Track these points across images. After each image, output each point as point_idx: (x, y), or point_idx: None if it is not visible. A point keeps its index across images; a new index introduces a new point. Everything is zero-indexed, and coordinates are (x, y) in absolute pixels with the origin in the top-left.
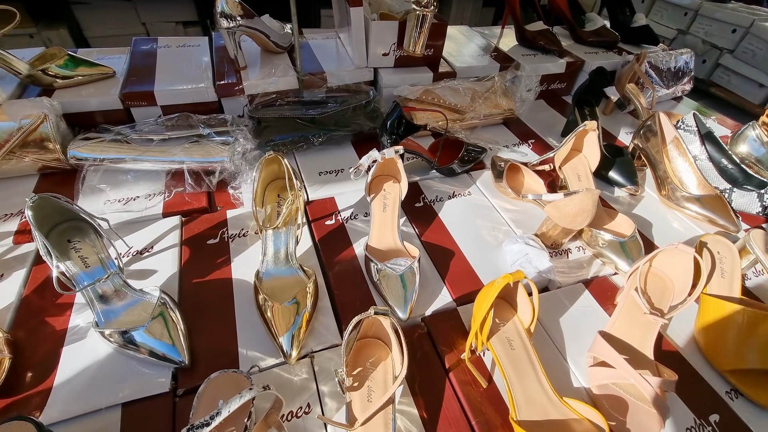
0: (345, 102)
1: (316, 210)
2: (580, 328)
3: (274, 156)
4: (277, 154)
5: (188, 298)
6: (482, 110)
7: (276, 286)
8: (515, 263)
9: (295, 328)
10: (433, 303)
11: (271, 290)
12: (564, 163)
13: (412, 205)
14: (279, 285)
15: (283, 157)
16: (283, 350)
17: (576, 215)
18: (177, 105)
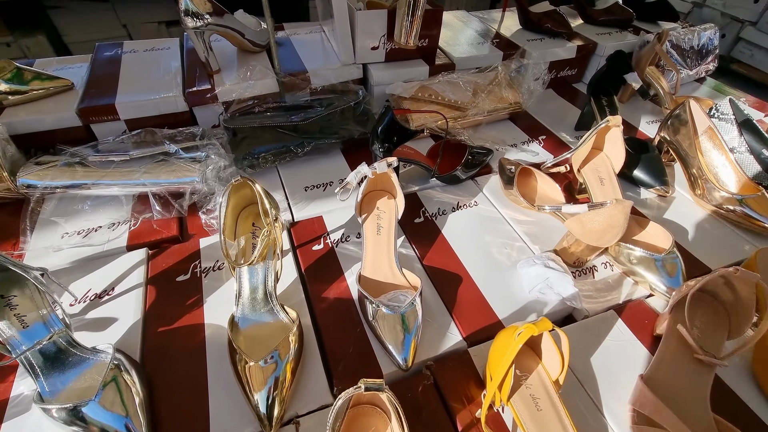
0: (331, 105)
1: (301, 233)
2: (615, 369)
3: (243, 181)
4: (246, 179)
5: (152, 353)
6: (486, 105)
7: (253, 335)
8: (534, 289)
9: (276, 389)
10: (439, 344)
11: (247, 342)
12: (583, 164)
13: (411, 220)
14: (257, 334)
15: (254, 182)
16: (260, 417)
17: (604, 231)
18: (143, 118)
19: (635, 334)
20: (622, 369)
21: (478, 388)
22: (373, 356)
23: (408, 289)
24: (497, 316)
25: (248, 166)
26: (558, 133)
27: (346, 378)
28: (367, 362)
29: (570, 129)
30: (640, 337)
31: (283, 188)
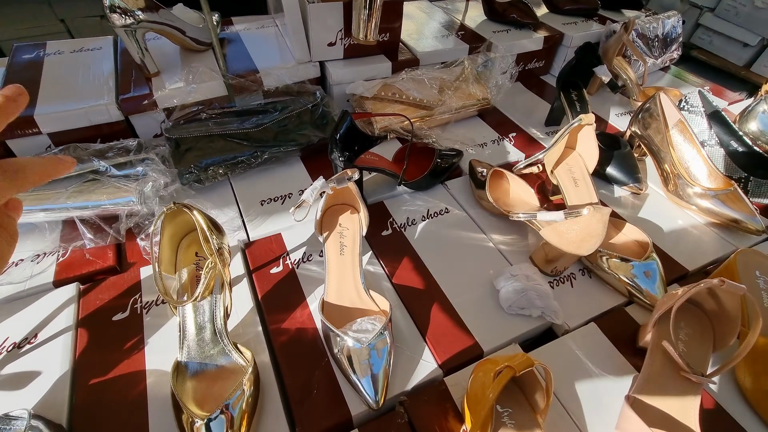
0: (286, 108)
1: (258, 254)
2: (600, 389)
3: (178, 208)
4: (180, 206)
5: (82, 412)
6: (453, 103)
7: (203, 383)
8: (512, 305)
9: None
10: (413, 374)
11: (196, 392)
12: (556, 165)
13: (378, 233)
14: (206, 382)
15: (191, 208)
16: None
17: (582, 241)
18: (70, 131)
19: (618, 348)
20: (606, 388)
21: (457, 422)
22: (341, 395)
23: (377, 314)
24: (474, 338)
25: (195, 181)
26: (528, 129)
27: (310, 422)
28: (334, 402)
29: (540, 124)
30: (622, 351)
31: (237, 203)
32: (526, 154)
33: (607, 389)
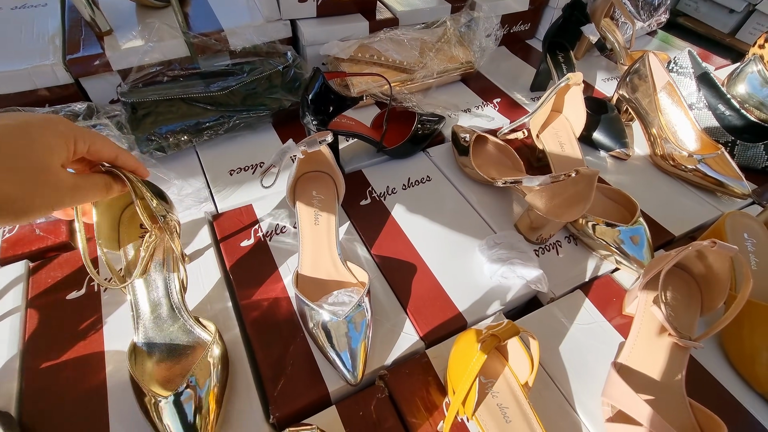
0: (255, 70)
1: (226, 226)
2: (586, 357)
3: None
4: (111, 171)
5: (33, 401)
6: (435, 66)
7: (163, 364)
8: (495, 274)
9: (197, 426)
10: (394, 347)
11: (157, 371)
12: (542, 128)
13: (356, 202)
14: (168, 362)
15: (125, 174)
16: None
17: (569, 206)
18: (13, 95)
19: (603, 315)
20: (592, 355)
21: (440, 395)
22: (317, 371)
23: (355, 285)
24: (457, 309)
25: (156, 149)
26: (512, 95)
27: (284, 401)
28: (310, 379)
29: (525, 90)
30: (608, 317)
31: (204, 173)
32: (510, 119)
33: (593, 357)
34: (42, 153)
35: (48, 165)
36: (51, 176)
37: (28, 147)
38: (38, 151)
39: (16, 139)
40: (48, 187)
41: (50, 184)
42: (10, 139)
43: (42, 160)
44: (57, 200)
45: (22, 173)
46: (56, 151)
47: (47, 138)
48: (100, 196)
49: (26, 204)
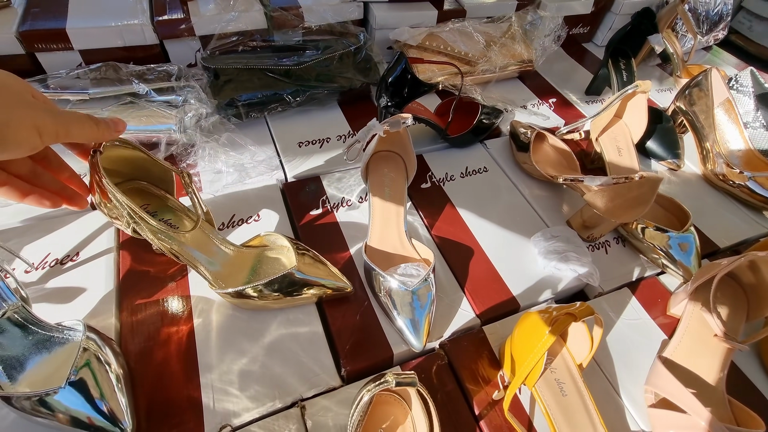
0: (329, 48)
1: (296, 194)
2: (630, 349)
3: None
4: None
5: (129, 328)
6: (498, 60)
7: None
8: (549, 265)
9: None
10: (451, 321)
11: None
12: (602, 132)
13: (418, 185)
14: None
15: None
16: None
17: (630, 207)
18: (103, 50)
19: (649, 313)
20: (636, 348)
21: (494, 368)
22: (382, 334)
23: (418, 260)
24: (511, 292)
25: (233, 116)
26: (567, 96)
27: (354, 358)
28: (376, 341)
29: (580, 93)
30: (653, 316)
31: (274, 143)
32: (565, 120)
33: (637, 349)
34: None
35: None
36: (23, 97)
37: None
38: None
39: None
40: (22, 104)
41: (24, 102)
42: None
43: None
44: (37, 119)
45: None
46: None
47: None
48: (89, 129)
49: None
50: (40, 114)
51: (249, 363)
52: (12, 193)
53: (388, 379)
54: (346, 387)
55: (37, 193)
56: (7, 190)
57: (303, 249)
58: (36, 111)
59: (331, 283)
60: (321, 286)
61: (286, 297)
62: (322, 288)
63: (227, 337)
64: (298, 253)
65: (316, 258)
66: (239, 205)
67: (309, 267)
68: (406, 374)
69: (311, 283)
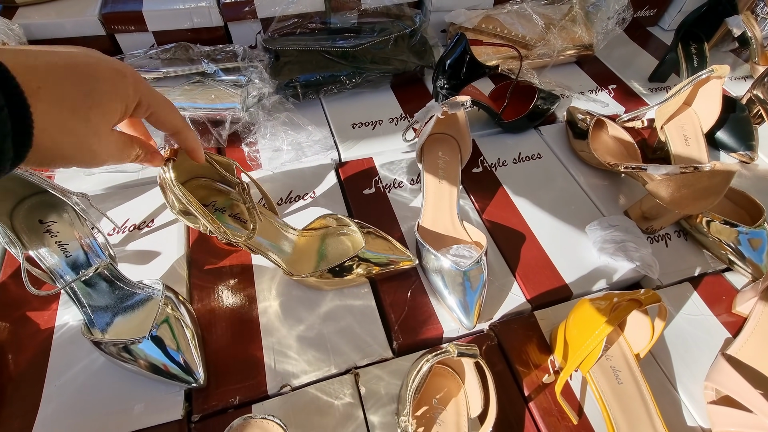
0: (384, 31)
1: (350, 173)
2: (690, 344)
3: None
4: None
5: (199, 290)
6: (557, 44)
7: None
8: (605, 254)
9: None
10: (501, 305)
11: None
12: (668, 120)
13: (469, 170)
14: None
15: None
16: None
17: (698, 198)
18: (173, 31)
19: (711, 309)
20: (696, 344)
21: (543, 353)
22: (432, 312)
23: (469, 243)
24: (564, 280)
25: (292, 96)
26: (629, 83)
27: (405, 333)
28: (426, 318)
29: (642, 79)
30: (716, 313)
31: (329, 124)
32: (625, 108)
33: (697, 346)
34: (99, 119)
35: (99, 131)
36: (97, 141)
37: (89, 109)
38: (96, 117)
39: (82, 96)
40: (89, 152)
41: (92, 150)
42: (75, 93)
43: (97, 126)
44: (91, 162)
45: (72, 136)
46: (114, 116)
47: (111, 103)
48: (127, 161)
49: (64, 162)
50: (93, 159)
51: (306, 330)
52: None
53: (449, 349)
54: (397, 359)
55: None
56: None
57: (366, 227)
58: (91, 156)
59: (398, 257)
60: (389, 262)
61: (355, 276)
62: (390, 263)
63: (286, 305)
64: (363, 232)
65: (379, 234)
66: (296, 182)
67: (376, 244)
68: (467, 346)
69: (381, 261)
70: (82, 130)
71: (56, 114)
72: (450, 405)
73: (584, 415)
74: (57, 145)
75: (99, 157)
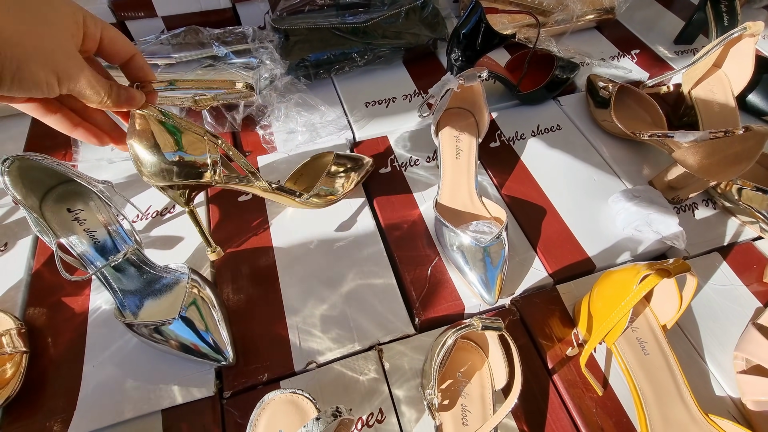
0: (395, 4)
1: (366, 154)
2: (719, 315)
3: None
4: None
5: (223, 274)
6: (576, 9)
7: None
8: (629, 226)
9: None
10: (523, 280)
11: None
12: (695, 84)
13: (486, 144)
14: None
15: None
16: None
17: (729, 165)
18: (182, 15)
19: (741, 279)
20: (725, 315)
21: (567, 327)
22: (453, 288)
23: (488, 218)
24: (586, 253)
25: (303, 76)
26: (653, 47)
27: (426, 309)
28: (447, 294)
29: (668, 42)
30: (746, 282)
31: (341, 103)
32: (650, 74)
33: (725, 316)
34: (54, 13)
35: (53, 20)
36: (54, 15)
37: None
38: (47, 15)
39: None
40: (50, 29)
41: (53, 25)
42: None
43: (52, 17)
44: (59, 59)
45: (28, 13)
46: (65, 20)
47: (53, 7)
48: (94, 95)
49: (27, 49)
50: (59, 48)
51: (329, 309)
52: (63, 123)
53: (473, 323)
54: (419, 335)
55: (85, 127)
56: (58, 119)
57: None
58: (66, 58)
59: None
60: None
61: None
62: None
63: (308, 284)
64: None
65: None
66: None
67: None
68: (491, 319)
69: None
70: (37, 21)
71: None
72: (474, 378)
73: (609, 387)
74: (17, 31)
75: (60, 49)
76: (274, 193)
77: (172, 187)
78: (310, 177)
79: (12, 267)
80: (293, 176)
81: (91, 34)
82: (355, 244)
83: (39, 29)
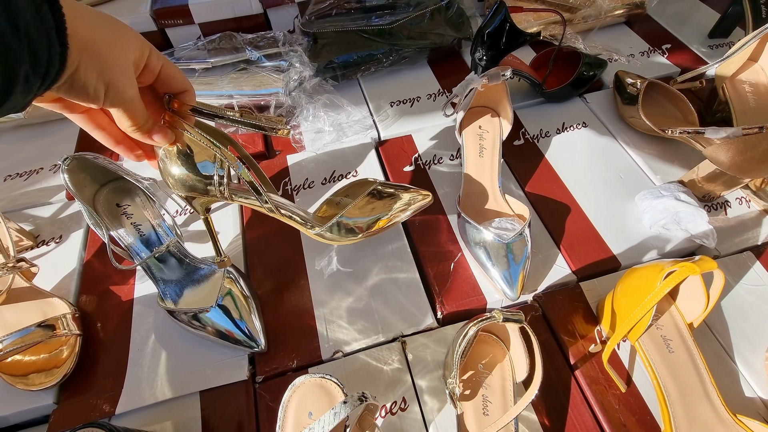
0: (420, 5)
1: (391, 153)
2: (751, 316)
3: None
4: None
5: (255, 266)
6: (604, 4)
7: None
8: (657, 223)
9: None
10: (545, 276)
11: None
12: (731, 79)
13: (510, 143)
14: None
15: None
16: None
17: (764, 161)
18: (217, 22)
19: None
20: (757, 315)
21: (590, 324)
22: (475, 283)
23: (512, 216)
24: (612, 251)
25: (330, 77)
26: (686, 41)
27: (449, 303)
28: (470, 289)
29: (701, 36)
30: None
31: (367, 103)
32: (681, 69)
33: (757, 316)
34: (123, 40)
35: (124, 45)
36: (125, 39)
37: (114, 26)
38: (121, 37)
39: (109, 25)
40: (117, 47)
41: (121, 45)
42: (104, 20)
43: (123, 41)
44: (115, 73)
45: (106, 26)
46: (133, 45)
47: (129, 39)
48: (140, 120)
49: (91, 54)
50: (124, 81)
51: (355, 302)
52: (107, 138)
53: (495, 315)
54: (442, 328)
55: (126, 144)
56: (104, 134)
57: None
58: (122, 75)
59: (413, 196)
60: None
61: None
62: (406, 200)
63: (335, 278)
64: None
65: (389, 183)
66: (338, 162)
67: (388, 187)
68: (512, 311)
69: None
70: (109, 35)
71: (87, 20)
72: (495, 370)
73: (633, 384)
74: (92, 36)
75: (125, 79)
76: (282, 216)
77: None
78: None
79: (66, 257)
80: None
81: (152, 68)
82: (379, 239)
83: (107, 41)
